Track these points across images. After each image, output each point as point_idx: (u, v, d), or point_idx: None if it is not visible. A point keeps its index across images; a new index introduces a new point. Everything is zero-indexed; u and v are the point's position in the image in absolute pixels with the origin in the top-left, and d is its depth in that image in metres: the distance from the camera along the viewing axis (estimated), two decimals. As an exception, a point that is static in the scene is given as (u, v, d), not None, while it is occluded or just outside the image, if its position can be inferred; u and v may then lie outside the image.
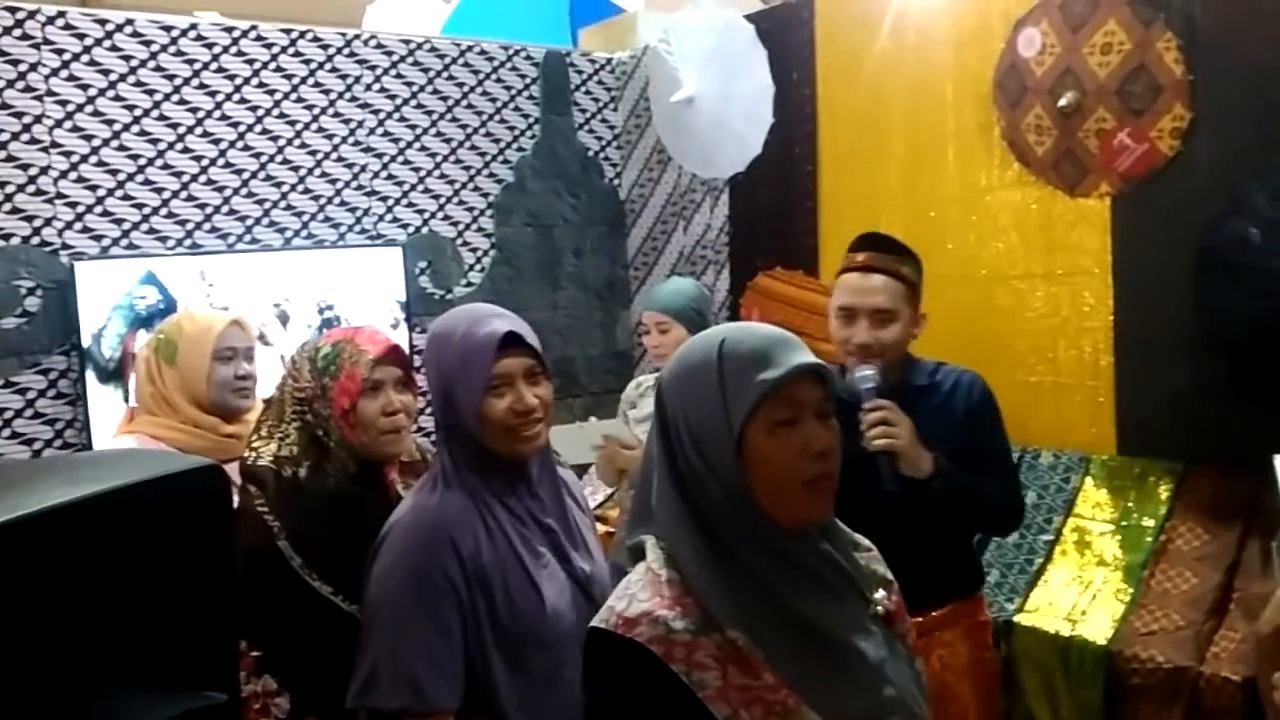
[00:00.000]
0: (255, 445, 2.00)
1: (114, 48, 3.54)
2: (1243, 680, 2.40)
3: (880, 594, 1.32)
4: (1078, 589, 2.87)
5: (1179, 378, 2.92)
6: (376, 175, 4.08)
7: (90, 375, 3.37)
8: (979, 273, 3.37)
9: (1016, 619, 2.84)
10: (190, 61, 3.67)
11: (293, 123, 3.88)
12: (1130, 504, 2.97)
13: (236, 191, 3.77)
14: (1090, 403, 3.13)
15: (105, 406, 3.39)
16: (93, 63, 3.50)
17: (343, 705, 1.73)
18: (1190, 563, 2.77)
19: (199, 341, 2.41)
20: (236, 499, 1.99)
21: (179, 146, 3.66)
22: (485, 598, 1.64)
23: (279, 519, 1.90)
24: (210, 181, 3.72)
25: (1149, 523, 2.90)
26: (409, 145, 4.15)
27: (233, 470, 2.28)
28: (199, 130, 3.69)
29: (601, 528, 3.23)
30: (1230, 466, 2.81)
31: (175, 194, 3.66)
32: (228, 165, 3.75)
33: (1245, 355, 2.78)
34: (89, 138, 3.50)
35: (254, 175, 3.80)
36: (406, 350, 2.18)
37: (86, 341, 3.36)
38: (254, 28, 3.80)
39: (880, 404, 2.11)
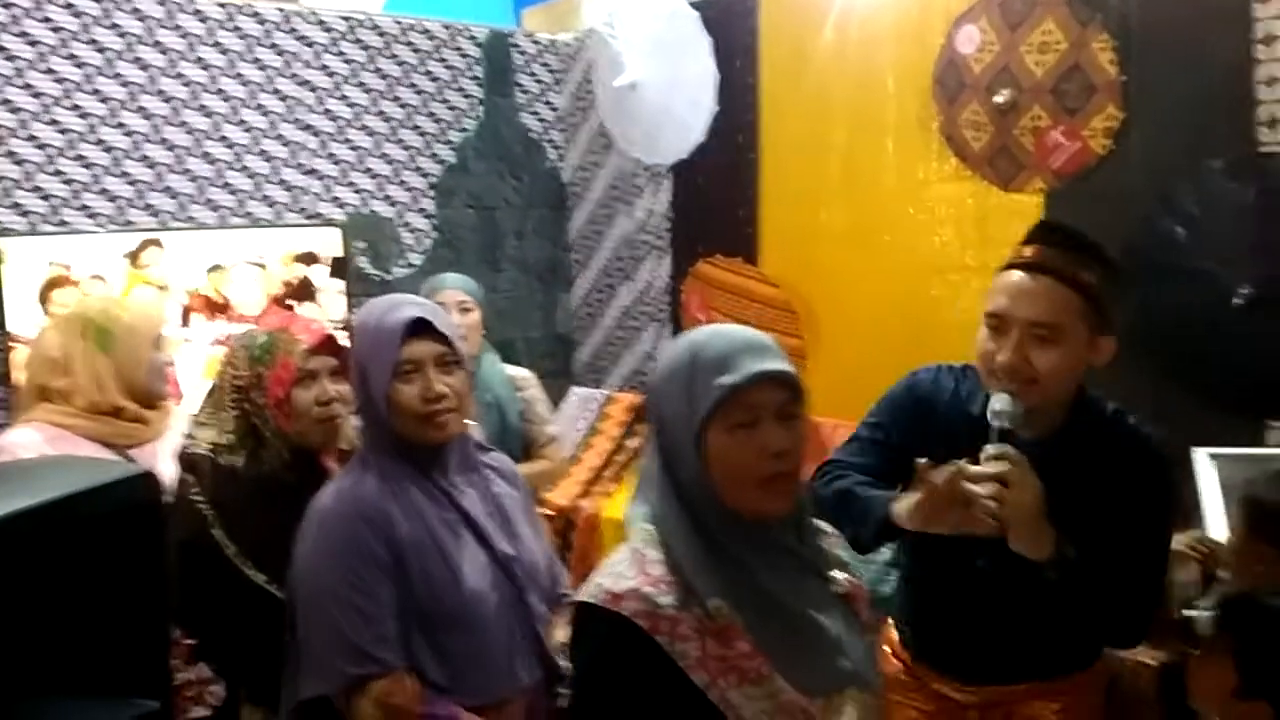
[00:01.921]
0: (193, 432, 2.02)
1: (45, 19, 3.45)
2: (1159, 665, 2.47)
3: (839, 574, 1.41)
4: (1005, 576, 2.94)
5: (1106, 371, 2.99)
6: (316, 154, 4.03)
7: None
8: (915, 264, 3.42)
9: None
10: (124, 35, 3.59)
11: (230, 99, 3.82)
12: (1057, 493, 3.05)
13: (171, 168, 3.71)
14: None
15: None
16: (23, 34, 3.42)
17: (277, 692, 1.74)
18: (1113, 551, 2.85)
19: (140, 330, 2.37)
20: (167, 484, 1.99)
21: (113, 121, 3.59)
22: (402, 575, 1.66)
23: (214, 507, 1.91)
24: (144, 158, 3.65)
25: (1074, 512, 2.97)
26: (349, 124, 4.10)
27: (141, 455, 2.28)
28: (133, 105, 3.62)
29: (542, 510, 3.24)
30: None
31: (108, 170, 3.59)
32: (163, 141, 3.68)
33: (1168, 348, 2.86)
34: (16, 111, 3.42)
35: (190, 152, 3.74)
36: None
37: (11, 322, 3.29)
38: (191, 1, 3.72)
39: (1005, 453, 1.62)
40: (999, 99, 3.09)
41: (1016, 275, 1.76)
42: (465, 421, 1.79)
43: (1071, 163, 3.02)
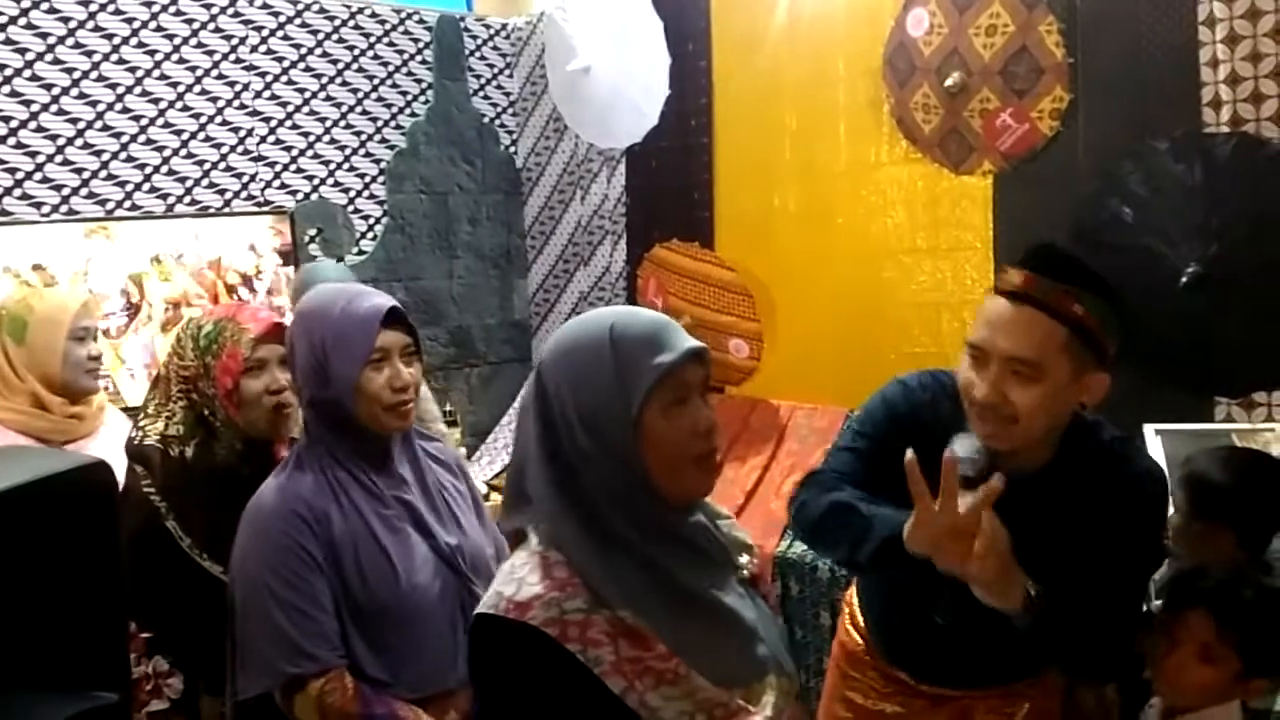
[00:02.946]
0: (142, 424, 1.99)
1: (-21, 4, 3.37)
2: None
3: (744, 559, 1.39)
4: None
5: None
6: (264, 140, 3.97)
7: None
8: (868, 247, 3.44)
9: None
10: (65, 20, 3.51)
11: (175, 84, 3.74)
12: (1009, 471, 3.09)
13: (115, 156, 3.63)
14: (973, 373, 3.24)
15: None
16: (-42, 19, 3.34)
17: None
18: (1064, 527, 2.90)
19: (53, 321, 2.32)
20: (121, 479, 1.96)
21: (53, 109, 3.51)
22: (337, 573, 1.65)
23: (166, 499, 1.89)
24: (87, 145, 3.57)
25: (1026, 489, 3.02)
26: (297, 109, 4.05)
27: (76, 450, 2.24)
28: (74, 92, 3.54)
29: (496, 497, 3.24)
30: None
31: (50, 158, 3.51)
32: (106, 129, 3.61)
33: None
34: (-45, 99, 3.34)
35: (134, 139, 3.66)
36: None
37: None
38: (134, -15, 3.65)
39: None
40: (949, 82, 3.12)
41: (1000, 303, 1.59)
42: None
43: (1020, 144, 3.05)
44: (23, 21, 3.43)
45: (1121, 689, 1.89)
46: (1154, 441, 2.45)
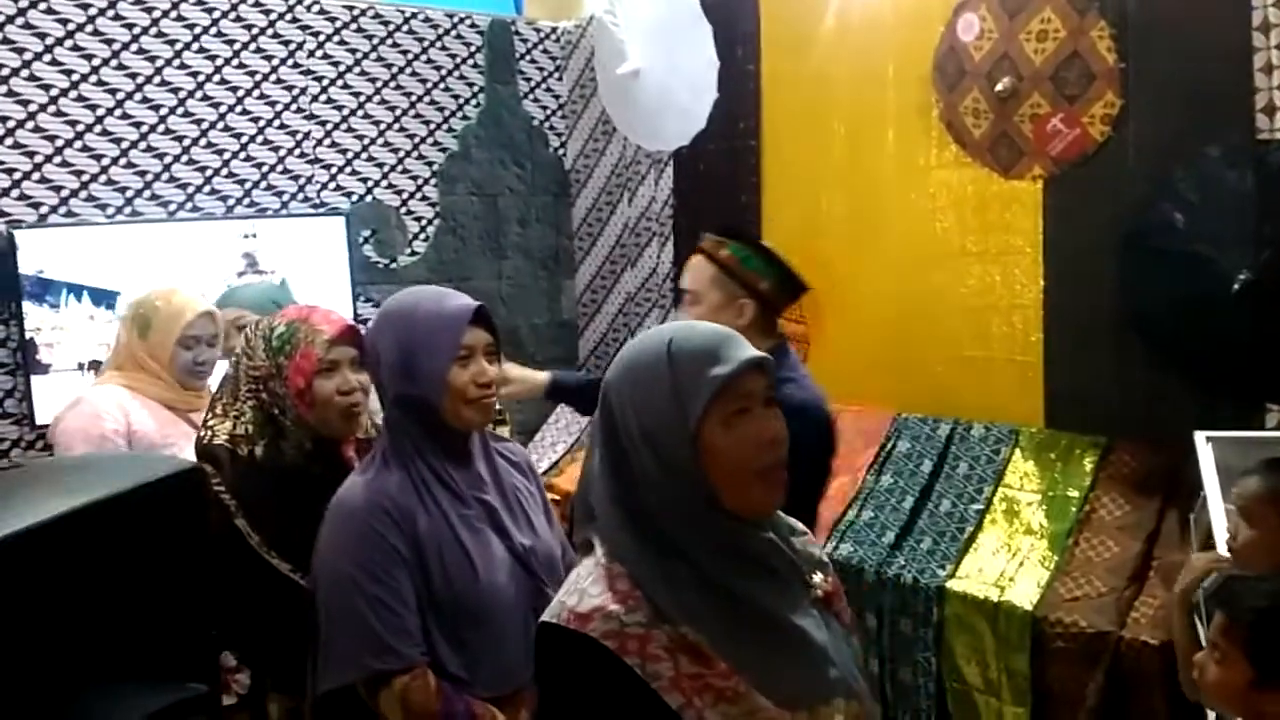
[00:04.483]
0: (210, 424, 2.01)
1: (50, 11, 3.47)
2: (1160, 645, 2.53)
3: (818, 577, 1.36)
4: (1005, 556, 2.99)
5: (1105, 355, 3.05)
6: (320, 143, 4.05)
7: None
8: (916, 250, 3.46)
9: (948, 585, 2.95)
10: (130, 26, 3.61)
11: (235, 88, 3.84)
12: (1057, 475, 3.10)
13: (178, 158, 3.73)
14: (1020, 377, 3.25)
15: (45, 375, 3.37)
16: (28, 26, 3.43)
17: (302, 680, 1.77)
18: (1112, 532, 2.90)
19: (168, 325, 2.59)
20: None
21: (118, 112, 3.61)
22: (421, 570, 1.69)
23: (235, 498, 1.92)
24: (151, 148, 3.68)
25: (1074, 493, 3.02)
26: (353, 112, 4.13)
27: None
28: (139, 96, 3.64)
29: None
30: (1152, 441, 2.94)
31: (115, 161, 3.61)
32: (169, 132, 3.71)
33: (1168, 335, 2.91)
34: (25, 103, 3.44)
35: (195, 142, 3.76)
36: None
37: (26, 309, 3.33)
38: (194, -8, 3.74)
39: None
40: (999, 87, 3.13)
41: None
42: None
43: (1071, 149, 3.05)
44: (89, 29, 3.53)
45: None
46: (1205, 449, 2.44)
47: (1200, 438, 2.50)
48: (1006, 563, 2.96)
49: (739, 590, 1.25)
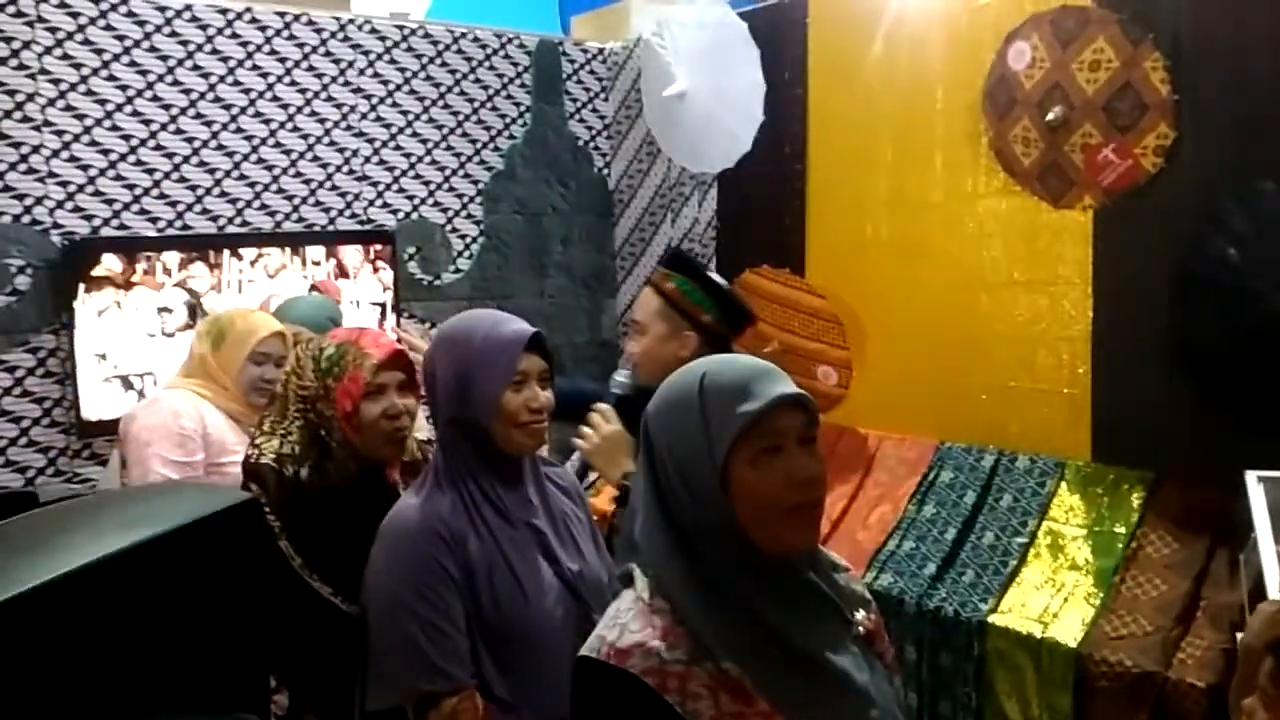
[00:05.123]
0: (259, 442, 2.03)
1: (108, 27, 3.53)
2: (1208, 687, 2.48)
3: (860, 614, 1.35)
4: (1050, 591, 2.95)
5: (1154, 389, 3.00)
6: (368, 160, 4.09)
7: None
8: (963, 278, 3.43)
9: (990, 619, 2.91)
10: (184, 43, 3.67)
11: (285, 106, 3.89)
12: (1103, 510, 3.05)
13: (228, 174, 3.78)
14: (1067, 410, 3.21)
15: (93, 385, 3.41)
16: (87, 42, 3.50)
17: (340, 703, 1.78)
18: (1160, 570, 2.85)
19: (241, 341, 2.72)
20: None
21: (171, 128, 3.66)
22: (471, 594, 1.70)
23: (280, 518, 1.93)
24: (202, 163, 3.73)
25: (1121, 529, 2.98)
26: (400, 131, 4.17)
27: None
28: (192, 112, 3.70)
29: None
30: (1200, 478, 2.89)
31: (167, 175, 3.66)
32: (220, 148, 3.76)
33: (1219, 372, 2.86)
34: (81, 117, 3.50)
35: (245, 158, 3.81)
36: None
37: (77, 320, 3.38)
38: (248, 10, 3.80)
39: (598, 409, 2.26)
40: (1050, 116, 3.10)
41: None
42: None
43: (1122, 180, 3.02)
44: (145, 45, 3.59)
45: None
46: (1256, 490, 2.40)
47: (1252, 478, 2.46)
48: (1050, 598, 2.92)
49: (781, 627, 1.24)
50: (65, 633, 0.80)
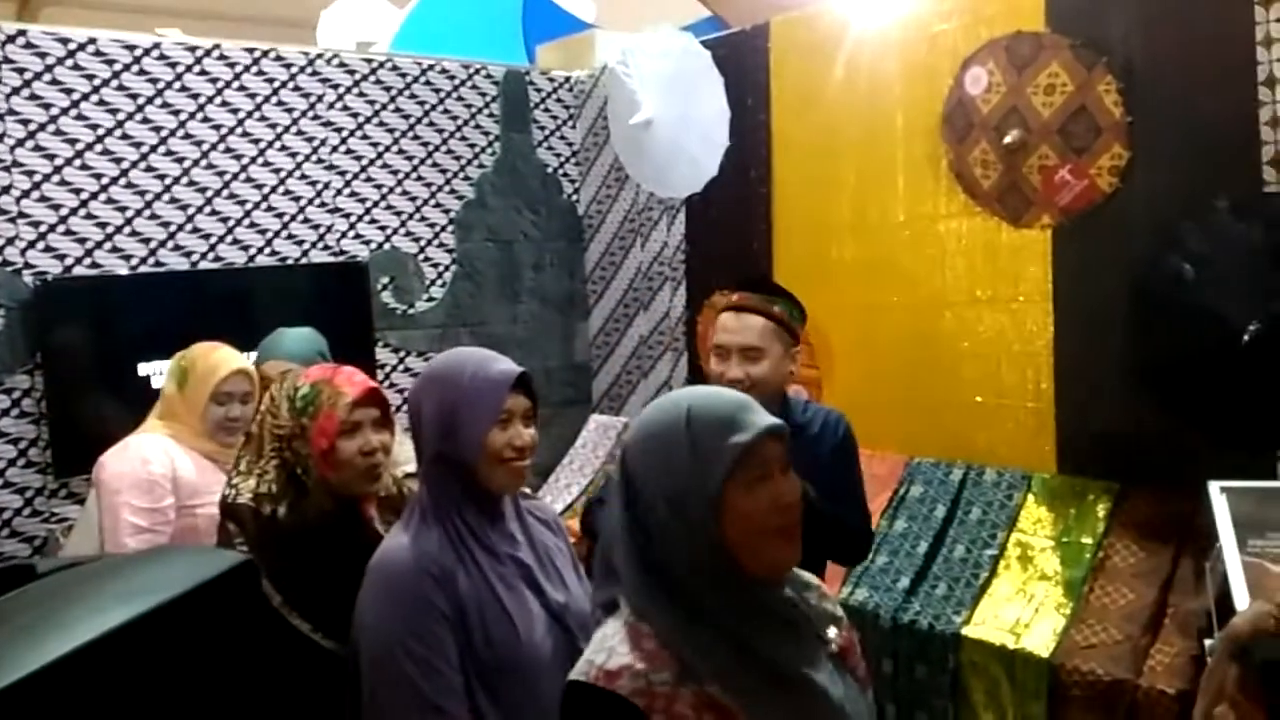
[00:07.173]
0: (235, 482, 2.03)
1: (76, 66, 3.55)
2: (1177, 693, 2.53)
3: (832, 632, 1.40)
4: (1021, 602, 3.00)
5: (1115, 402, 3.07)
6: (339, 193, 4.12)
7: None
8: (927, 297, 3.49)
9: (963, 631, 2.96)
10: (153, 80, 3.69)
11: (256, 141, 3.91)
12: (1070, 521, 3.11)
13: (200, 209, 3.80)
14: (1032, 423, 3.27)
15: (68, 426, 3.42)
16: (55, 81, 3.52)
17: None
18: (1127, 579, 2.91)
19: (201, 382, 2.66)
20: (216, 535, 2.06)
21: (142, 165, 3.68)
22: (464, 629, 1.72)
23: (258, 557, 1.94)
24: (174, 200, 3.74)
25: (1088, 540, 3.04)
26: (371, 163, 4.20)
27: None
28: (162, 149, 3.72)
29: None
30: (1165, 488, 2.96)
31: (138, 212, 3.68)
32: (191, 183, 3.78)
33: (1177, 385, 2.93)
34: (51, 156, 3.51)
35: (217, 193, 3.83)
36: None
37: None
38: (217, 47, 3.82)
39: None
40: (1008, 139, 3.17)
41: (729, 316, 2.39)
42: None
43: (1079, 200, 3.10)
44: (114, 84, 3.61)
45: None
46: (1219, 500, 2.46)
47: (1214, 488, 2.51)
48: (1022, 609, 2.98)
49: (761, 648, 1.29)
50: (73, 708, 0.81)
